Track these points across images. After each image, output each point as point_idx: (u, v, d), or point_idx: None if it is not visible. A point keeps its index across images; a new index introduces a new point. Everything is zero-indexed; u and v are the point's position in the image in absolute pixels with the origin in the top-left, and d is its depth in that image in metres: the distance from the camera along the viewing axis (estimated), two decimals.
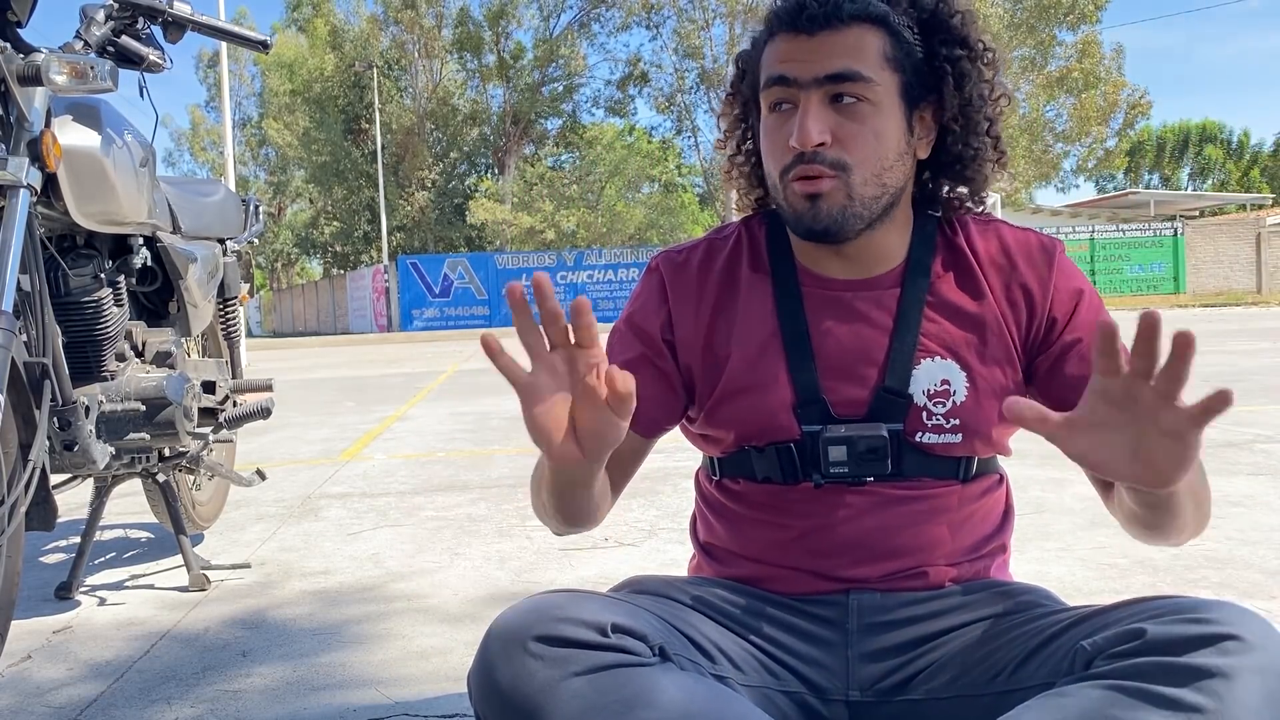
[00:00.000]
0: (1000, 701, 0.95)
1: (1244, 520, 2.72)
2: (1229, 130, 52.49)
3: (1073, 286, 1.10)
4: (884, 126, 1.05)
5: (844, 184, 1.04)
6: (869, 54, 1.04)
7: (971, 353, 1.09)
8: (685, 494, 3.32)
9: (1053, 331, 1.10)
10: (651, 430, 1.16)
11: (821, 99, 1.04)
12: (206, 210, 2.71)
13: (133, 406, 2.14)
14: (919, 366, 1.08)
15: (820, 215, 1.05)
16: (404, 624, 2.11)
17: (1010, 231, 1.14)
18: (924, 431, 1.07)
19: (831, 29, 1.04)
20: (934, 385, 1.07)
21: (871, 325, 1.10)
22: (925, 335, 1.09)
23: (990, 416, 1.08)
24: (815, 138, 1.02)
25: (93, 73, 1.88)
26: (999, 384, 1.09)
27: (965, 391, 1.08)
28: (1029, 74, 26.84)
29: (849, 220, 1.05)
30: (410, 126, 32.78)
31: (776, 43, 1.08)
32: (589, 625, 0.91)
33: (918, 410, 1.07)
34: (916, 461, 1.08)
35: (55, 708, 1.72)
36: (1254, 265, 25.76)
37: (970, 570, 1.12)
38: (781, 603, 1.10)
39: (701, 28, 28.06)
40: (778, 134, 1.07)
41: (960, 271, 1.12)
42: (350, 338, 23.43)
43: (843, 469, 1.07)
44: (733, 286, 1.16)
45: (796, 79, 1.04)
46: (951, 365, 1.08)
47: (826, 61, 1.03)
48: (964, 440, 1.08)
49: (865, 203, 1.05)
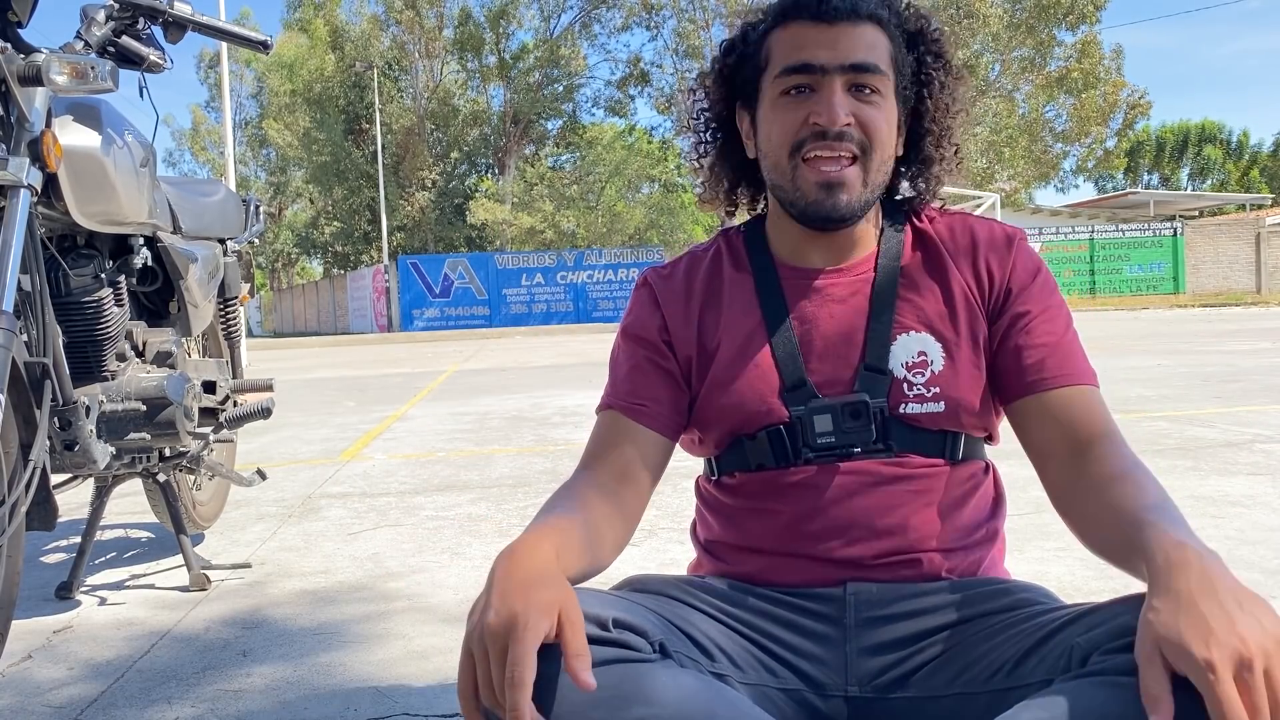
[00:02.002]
0: (998, 699, 0.95)
1: (1244, 520, 2.72)
2: (1228, 130, 52.54)
3: (1031, 265, 1.17)
4: (891, 120, 1.13)
5: (861, 170, 1.11)
6: (881, 51, 1.12)
7: (945, 325, 1.14)
8: (685, 494, 3.33)
9: (1008, 301, 1.15)
10: (673, 430, 1.20)
11: (844, 86, 1.10)
12: (207, 210, 2.71)
13: (133, 406, 2.14)
14: (896, 342, 1.13)
15: (840, 203, 1.11)
16: (404, 624, 2.11)
17: (975, 220, 1.21)
18: (906, 402, 1.11)
19: (850, 22, 1.10)
20: (911, 357, 1.12)
21: (849, 308, 1.15)
22: (900, 313, 1.14)
23: (969, 384, 1.12)
24: (843, 118, 1.08)
25: (93, 73, 1.88)
26: (974, 354, 1.14)
27: (942, 361, 1.12)
28: (1029, 74, 26.86)
29: (861, 206, 1.13)
30: (411, 126, 32.78)
31: (792, 30, 1.12)
32: (590, 620, 0.91)
33: (899, 383, 1.12)
34: (904, 435, 1.11)
35: (55, 707, 1.73)
36: (1253, 265, 25.78)
37: (965, 560, 1.13)
38: (780, 599, 1.11)
39: (702, 28, 28.08)
40: (792, 115, 1.11)
41: (928, 253, 1.18)
42: (350, 338, 23.43)
43: (829, 439, 1.10)
44: (717, 287, 1.22)
45: (822, 65, 1.09)
46: (927, 338, 1.13)
47: (851, 51, 1.10)
48: (947, 410, 1.11)
49: (874, 189, 1.13)
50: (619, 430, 1.18)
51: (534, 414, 5.98)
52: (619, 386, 1.21)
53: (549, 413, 6.02)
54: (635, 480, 1.16)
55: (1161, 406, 5.14)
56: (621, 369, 1.22)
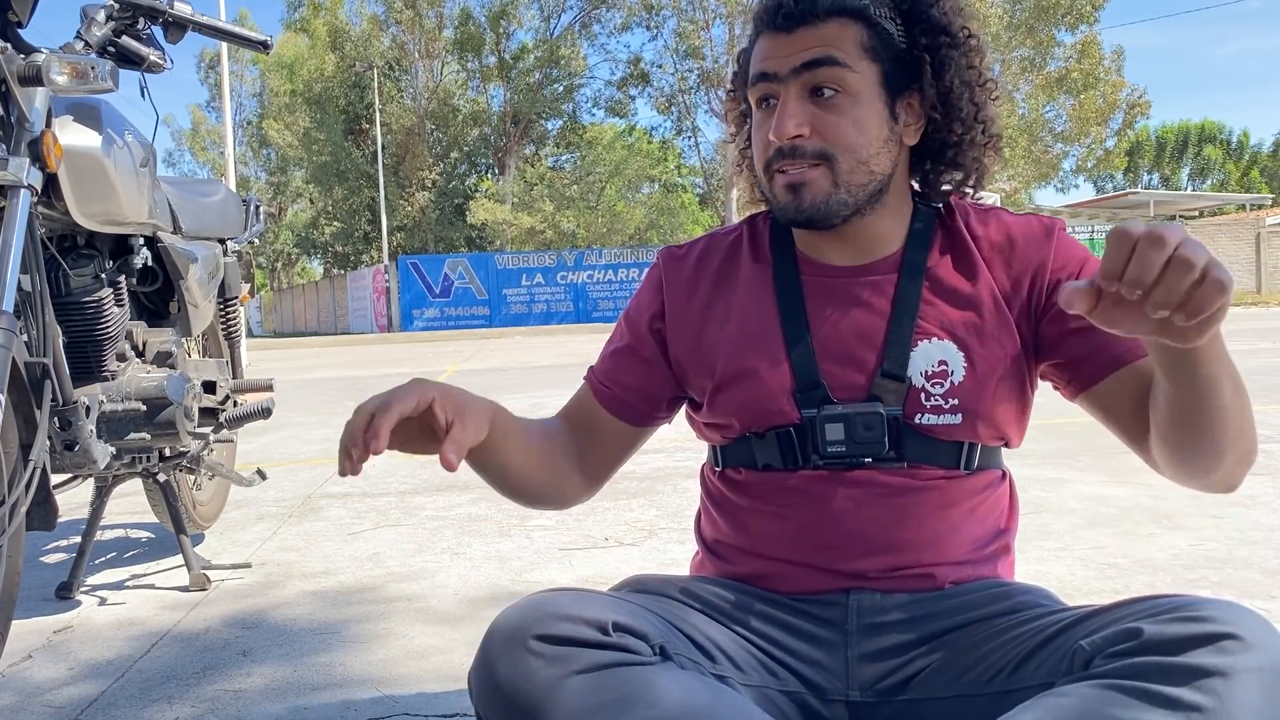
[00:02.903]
0: (999, 702, 0.95)
1: (1244, 520, 2.72)
2: (1228, 130, 52.55)
3: (1076, 255, 1.12)
4: (864, 115, 1.07)
5: (829, 172, 1.07)
6: (846, 44, 1.07)
7: (970, 333, 1.10)
8: (685, 494, 3.33)
9: (1055, 294, 1.09)
10: (636, 418, 1.22)
11: (800, 92, 1.07)
12: (207, 210, 2.71)
13: (133, 406, 2.14)
14: (916, 349, 1.09)
15: (804, 205, 1.08)
16: (404, 624, 2.11)
17: (1012, 217, 1.16)
18: (923, 413, 1.08)
19: (808, 25, 1.07)
20: (931, 366, 1.08)
21: (869, 310, 1.11)
22: (922, 318, 1.10)
23: (990, 396, 1.09)
24: (791, 130, 1.06)
25: (93, 73, 1.88)
26: (999, 363, 1.09)
27: (963, 371, 1.08)
28: (1028, 74, 26.85)
29: (834, 206, 1.08)
30: (411, 127, 32.76)
31: (760, 42, 1.12)
32: (590, 624, 0.91)
33: (916, 392, 1.08)
34: (917, 445, 1.08)
35: (55, 707, 1.73)
36: (1254, 265, 25.77)
37: (974, 573, 1.11)
38: (782, 602, 1.10)
39: (702, 28, 28.06)
40: (760, 130, 1.12)
41: (958, 255, 1.14)
42: (351, 338, 23.43)
43: (840, 448, 1.07)
44: (732, 277, 1.19)
45: (775, 73, 1.09)
46: (949, 346, 1.09)
47: (802, 53, 1.07)
48: (964, 422, 1.08)
49: (853, 189, 1.08)
50: (587, 403, 1.25)
51: (534, 414, 5.90)
52: (600, 363, 1.26)
53: (549, 413, 5.98)
54: (597, 449, 1.23)
55: None
56: (609, 346, 1.26)
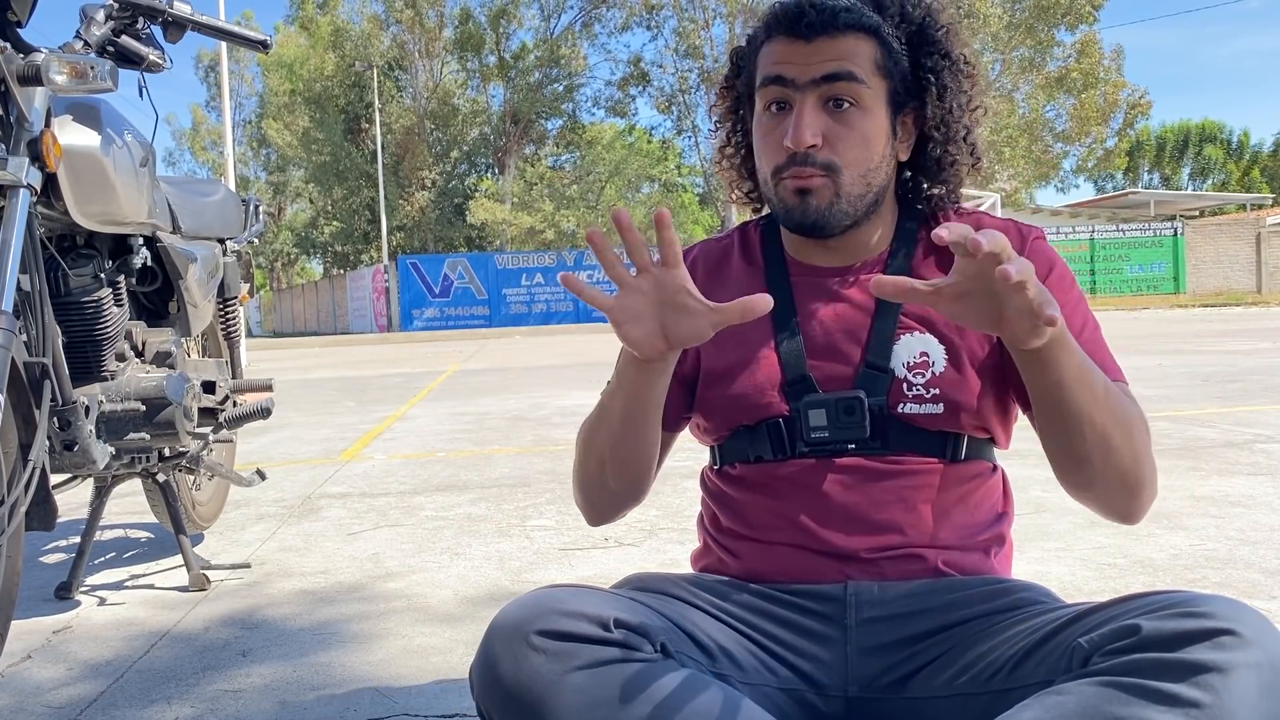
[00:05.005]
0: (999, 700, 0.95)
1: (1244, 520, 2.72)
2: (1229, 130, 52.54)
3: (1044, 259, 1.16)
4: (872, 130, 1.12)
5: (833, 183, 1.11)
6: (863, 59, 1.11)
7: (950, 328, 1.14)
8: (685, 494, 3.33)
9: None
10: (670, 424, 1.22)
11: (816, 102, 1.11)
12: (206, 210, 2.71)
13: (133, 406, 2.14)
14: (899, 342, 1.14)
15: (810, 210, 1.12)
16: (404, 623, 2.11)
17: (990, 220, 1.20)
18: (905, 402, 1.12)
19: (828, 35, 1.10)
20: (913, 357, 1.13)
21: (855, 307, 1.17)
22: (905, 314, 1.15)
23: (972, 388, 1.12)
24: (809, 139, 1.09)
25: (93, 73, 1.88)
26: (977, 358, 1.13)
27: (944, 363, 1.13)
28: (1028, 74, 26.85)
29: (835, 216, 1.13)
30: (410, 126, 32.77)
31: (774, 45, 1.14)
32: (592, 620, 0.92)
33: (899, 382, 1.12)
34: (901, 434, 1.12)
35: (55, 707, 1.73)
36: (1254, 265, 25.77)
37: (966, 560, 1.13)
38: (782, 598, 1.11)
39: (702, 28, 28.08)
40: (772, 133, 1.14)
41: (940, 256, 1.18)
42: (350, 338, 23.43)
43: (823, 434, 1.11)
44: (725, 274, 1.24)
45: (794, 80, 1.11)
46: (930, 339, 1.14)
47: (822, 64, 1.10)
48: (946, 411, 1.12)
49: (852, 201, 1.13)
50: None
51: (534, 414, 5.98)
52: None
53: (549, 413, 6.02)
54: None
55: (1162, 407, 5.14)
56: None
